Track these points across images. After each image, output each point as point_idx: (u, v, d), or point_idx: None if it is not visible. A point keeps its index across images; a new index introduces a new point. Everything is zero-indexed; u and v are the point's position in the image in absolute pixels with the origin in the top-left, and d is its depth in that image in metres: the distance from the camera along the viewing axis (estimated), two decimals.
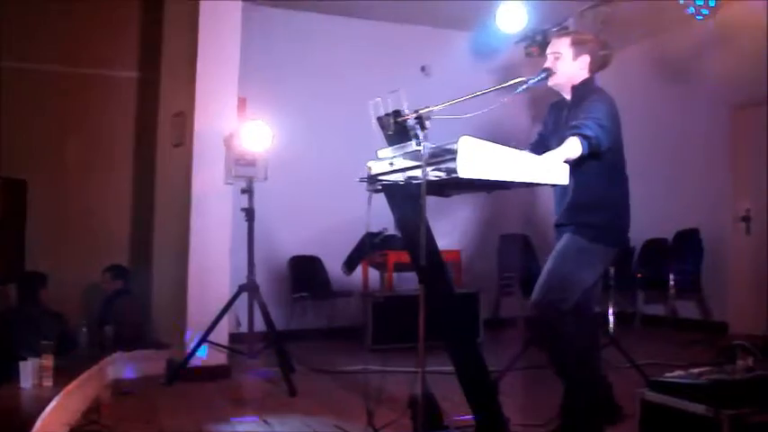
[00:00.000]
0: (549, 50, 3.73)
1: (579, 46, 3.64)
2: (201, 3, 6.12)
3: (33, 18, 7.15)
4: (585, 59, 3.64)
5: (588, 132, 3.33)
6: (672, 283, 8.09)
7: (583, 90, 3.64)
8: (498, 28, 7.09)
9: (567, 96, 3.71)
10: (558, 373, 3.71)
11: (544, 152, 3.34)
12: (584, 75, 3.66)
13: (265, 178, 6.20)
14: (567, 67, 3.64)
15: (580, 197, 3.57)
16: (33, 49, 7.20)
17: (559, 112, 3.77)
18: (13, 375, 4.47)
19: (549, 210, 3.93)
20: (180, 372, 5.72)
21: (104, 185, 7.50)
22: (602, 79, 3.77)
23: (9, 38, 7.04)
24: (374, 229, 7.14)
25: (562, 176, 3.09)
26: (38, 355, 4.51)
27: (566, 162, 3.22)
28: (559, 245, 3.63)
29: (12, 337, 5.12)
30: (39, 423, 3.62)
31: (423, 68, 8.86)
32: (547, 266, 3.60)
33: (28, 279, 5.90)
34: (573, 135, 3.33)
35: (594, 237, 3.56)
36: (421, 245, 3.08)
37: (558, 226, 3.74)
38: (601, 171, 3.54)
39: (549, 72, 3.63)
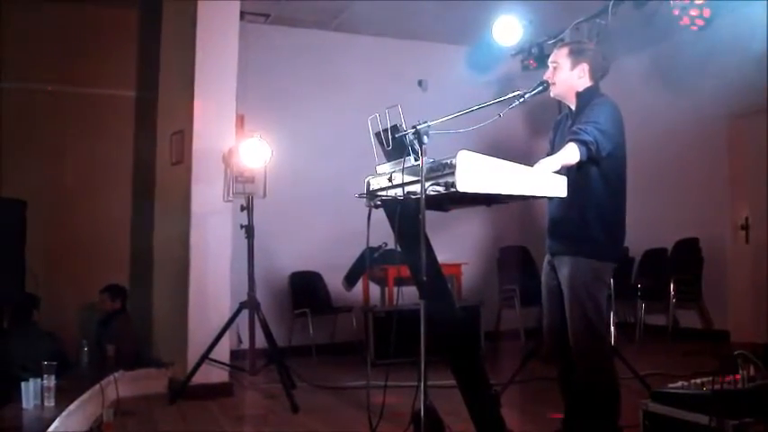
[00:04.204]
0: (549, 60, 3.74)
1: (577, 55, 3.64)
2: (199, 21, 6.14)
3: (31, 38, 7.18)
4: (584, 67, 3.62)
5: (586, 137, 3.31)
6: (672, 292, 8.09)
7: (586, 96, 3.62)
8: (494, 42, 7.10)
9: (573, 105, 3.69)
10: (564, 389, 3.71)
11: None
12: (586, 83, 3.63)
13: (264, 195, 6.21)
14: (565, 75, 3.63)
15: (582, 210, 3.50)
16: (31, 70, 7.22)
17: (564, 124, 3.74)
18: (15, 396, 4.47)
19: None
20: (182, 390, 5.70)
21: (103, 204, 7.49)
22: (600, 88, 3.77)
23: (7, 58, 7.07)
24: (374, 244, 7.16)
25: (560, 189, 3.09)
26: (36, 375, 4.51)
27: (564, 169, 3.22)
28: (572, 276, 3.51)
29: (10, 358, 5.11)
30: None
31: (420, 83, 8.90)
32: (571, 305, 3.49)
33: (21, 300, 5.89)
34: (571, 141, 3.33)
35: (603, 254, 3.52)
36: (421, 259, 3.09)
37: (556, 239, 3.66)
38: (603, 180, 3.50)
39: (546, 84, 3.63)
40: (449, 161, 2.90)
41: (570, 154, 3.29)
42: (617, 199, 3.60)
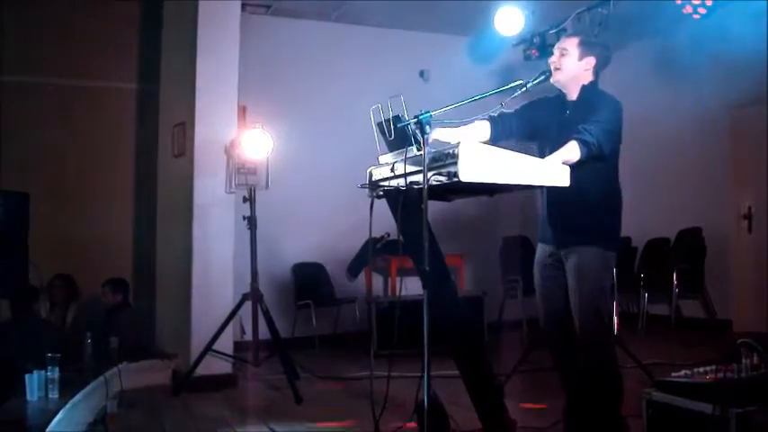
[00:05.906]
0: (556, 46, 3.72)
1: (586, 47, 3.64)
2: (200, 13, 6.13)
3: (32, 32, 7.16)
4: (591, 61, 3.63)
5: (588, 138, 3.33)
6: (675, 282, 8.08)
7: (591, 92, 3.63)
8: (496, 31, 7.09)
9: (570, 95, 3.68)
10: (565, 378, 3.72)
11: (502, 130, 3.54)
12: (589, 77, 3.64)
13: (267, 186, 6.21)
14: (572, 64, 3.62)
15: (587, 201, 3.50)
16: (33, 63, 7.21)
17: (559, 110, 3.72)
18: (20, 388, 4.47)
19: None
20: (185, 381, 5.71)
21: (106, 197, 7.50)
22: (601, 79, 3.77)
23: (9, 52, 7.06)
24: (376, 235, 7.15)
25: (563, 179, 3.09)
26: (40, 367, 4.51)
27: (566, 164, 3.22)
28: (580, 264, 3.52)
29: (14, 350, 5.12)
30: None
31: (421, 73, 8.88)
32: (580, 295, 3.51)
33: (22, 292, 5.89)
34: (573, 139, 3.34)
35: (609, 244, 3.55)
36: (424, 249, 3.09)
37: (560, 230, 3.64)
38: (605, 173, 3.54)
39: (548, 73, 3.62)
40: (451, 151, 2.90)
41: (571, 152, 3.32)
42: (616, 191, 3.65)
